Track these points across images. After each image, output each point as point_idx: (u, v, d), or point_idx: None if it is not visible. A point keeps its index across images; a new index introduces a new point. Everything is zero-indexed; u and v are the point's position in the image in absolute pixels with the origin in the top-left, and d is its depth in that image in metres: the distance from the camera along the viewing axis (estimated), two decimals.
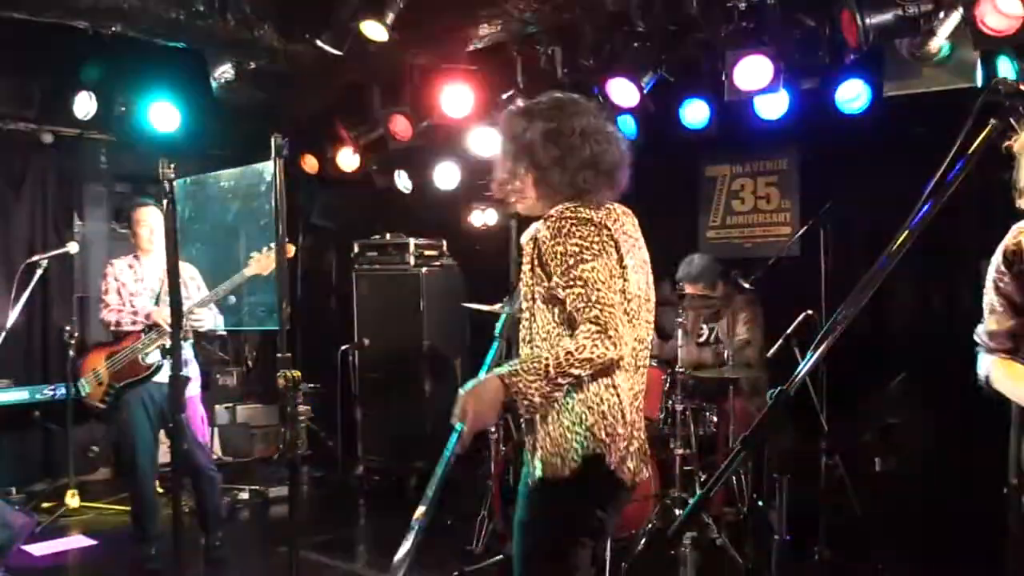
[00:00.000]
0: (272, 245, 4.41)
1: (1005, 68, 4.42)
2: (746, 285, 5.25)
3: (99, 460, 6.65)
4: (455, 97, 5.86)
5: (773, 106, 5.26)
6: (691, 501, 4.59)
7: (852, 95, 5.05)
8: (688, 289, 5.34)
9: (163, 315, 4.62)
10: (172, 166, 3.25)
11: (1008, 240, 2.62)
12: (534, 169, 2.50)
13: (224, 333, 6.40)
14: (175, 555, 3.42)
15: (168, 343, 4.50)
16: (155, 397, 4.74)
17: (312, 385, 6.85)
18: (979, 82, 4.47)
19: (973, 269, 2.92)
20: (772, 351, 4.89)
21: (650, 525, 4.84)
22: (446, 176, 6.91)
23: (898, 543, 4.85)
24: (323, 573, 4.93)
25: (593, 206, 2.44)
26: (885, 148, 5.26)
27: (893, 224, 1.90)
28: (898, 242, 2.15)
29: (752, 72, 4.95)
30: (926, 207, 2.38)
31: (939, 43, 4.43)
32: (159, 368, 4.68)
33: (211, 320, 4.81)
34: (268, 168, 3.01)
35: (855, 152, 5.40)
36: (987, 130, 2.31)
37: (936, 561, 4.55)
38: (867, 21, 4.43)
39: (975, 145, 2.36)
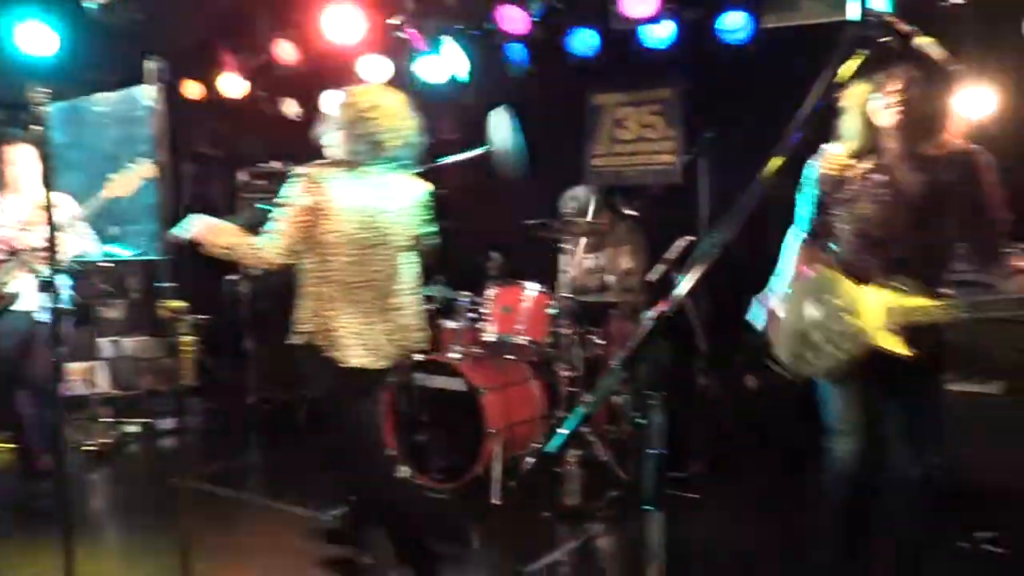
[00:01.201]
0: (129, 164, 4.52)
1: (879, 1, 4.58)
2: (630, 212, 5.39)
3: None
4: (343, 22, 5.75)
5: (659, 35, 5.34)
6: (571, 419, 4.79)
7: (735, 26, 5.17)
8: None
9: (22, 241, 4.52)
10: (47, 91, 3.14)
11: (824, 165, 3.05)
12: (341, 129, 3.48)
13: (110, 264, 6.24)
14: (58, 491, 3.40)
15: (28, 271, 4.50)
16: (19, 327, 4.59)
17: (201, 316, 6.76)
18: (854, 15, 4.62)
19: None
20: (654, 276, 5.07)
21: (537, 446, 5.02)
22: (335, 103, 6.79)
23: (767, 457, 5.15)
24: (215, 504, 4.92)
25: (341, 166, 3.42)
26: (766, 78, 5.40)
27: (770, 152, 2.00)
28: (769, 169, 2.28)
29: (638, 1, 5.03)
30: (797, 136, 2.53)
31: None
32: (17, 297, 4.56)
33: (75, 246, 4.59)
34: (146, 93, 2.95)
35: (738, 82, 5.53)
36: (857, 61, 2.49)
37: (805, 476, 4.84)
38: None
39: (845, 76, 2.53)
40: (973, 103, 4.76)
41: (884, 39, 2.49)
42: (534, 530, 4.48)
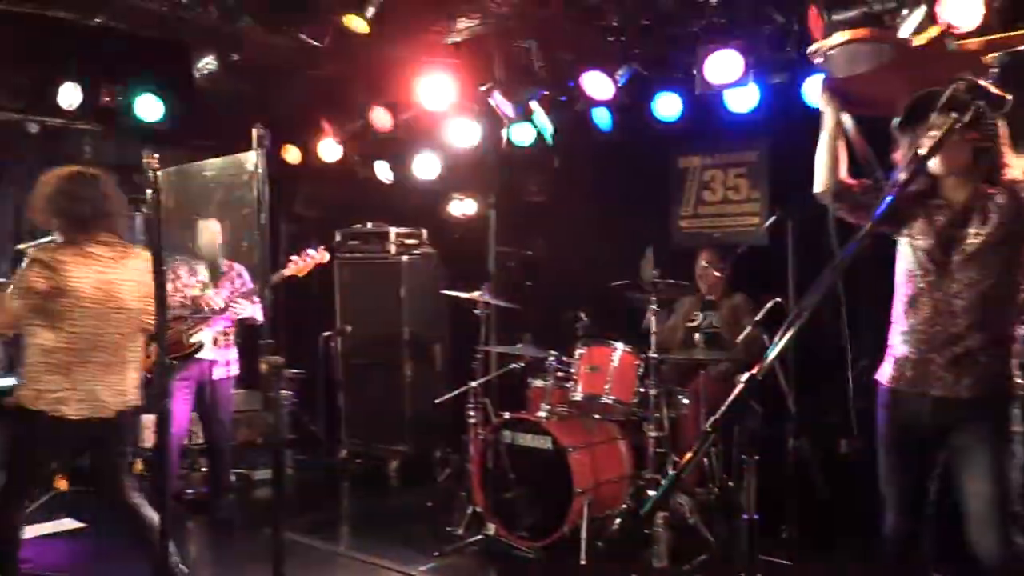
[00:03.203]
0: (311, 252, 5.23)
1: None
2: (716, 273, 5.40)
3: None
4: (434, 89, 5.96)
5: (743, 99, 5.39)
6: (663, 483, 4.77)
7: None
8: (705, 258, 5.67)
9: (207, 299, 5.23)
10: (156, 156, 3.35)
11: None
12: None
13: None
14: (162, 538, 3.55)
15: (210, 327, 5.30)
16: (194, 374, 5.35)
17: (295, 371, 6.96)
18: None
19: None
20: (741, 337, 5.06)
21: (624, 506, 5.01)
22: (426, 166, 7.02)
23: (861, 524, 5.01)
24: (307, 554, 5.05)
25: (61, 246, 3.64)
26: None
27: None
28: (862, 232, 2.28)
29: (723, 66, 5.08)
30: (889, 199, 2.52)
31: None
32: (201, 347, 5.24)
33: (250, 310, 5.33)
34: (250, 158, 3.08)
35: None
36: (949, 123, 2.46)
37: None
38: (833, 17, 4.59)
39: (939, 137, 2.50)
40: None
41: (976, 103, 2.50)
42: None
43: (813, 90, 2.91)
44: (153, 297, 3.24)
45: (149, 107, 6.48)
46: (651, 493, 4.90)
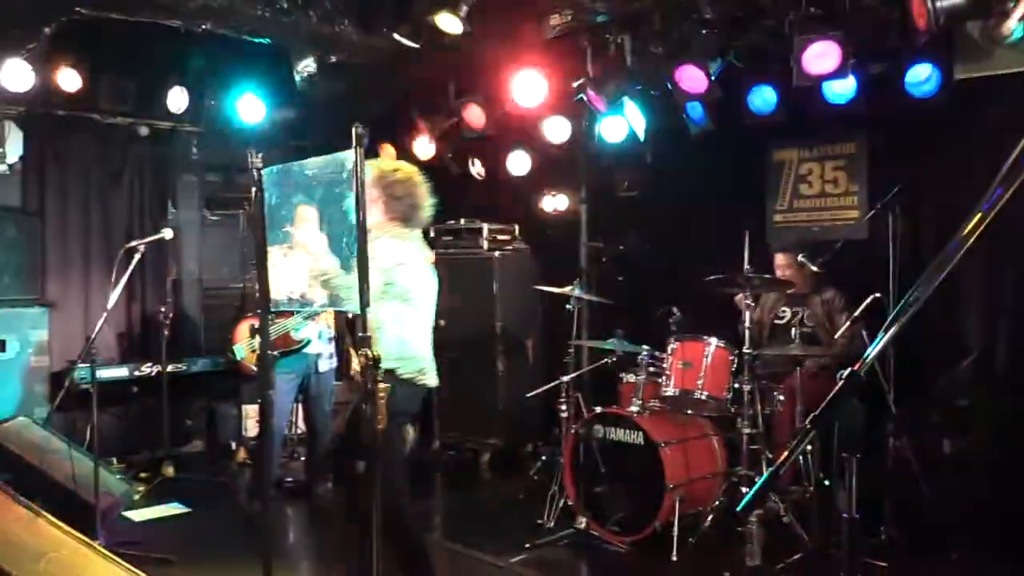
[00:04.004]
0: None
1: None
2: (813, 268, 5.30)
3: (194, 432, 7.04)
4: (527, 86, 6.01)
5: (841, 90, 5.26)
6: (759, 480, 4.70)
7: (922, 78, 5.04)
8: (780, 260, 5.50)
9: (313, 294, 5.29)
10: (259, 156, 3.47)
11: None
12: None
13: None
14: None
15: (316, 322, 5.52)
16: (298, 368, 5.61)
17: None
18: None
19: None
20: (839, 333, 4.95)
21: (717, 502, 4.97)
22: (519, 163, 7.07)
23: (965, 525, 4.85)
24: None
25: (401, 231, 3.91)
26: (955, 131, 5.22)
27: (963, 207, 1.96)
28: (970, 226, 2.20)
29: (821, 57, 4.96)
30: (999, 191, 2.43)
31: (1012, 25, 4.41)
32: (308, 342, 5.49)
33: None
34: (350, 157, 3.16)
35: (925, 136, 5.36)
36: None
37: (1004, 546, 4.55)
38: (937, 4, 4.44)
39: None
40: None
41: None
42: None
43: None
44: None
45: (252, 109, 6.71)
46: (745, 490, 4.83)
